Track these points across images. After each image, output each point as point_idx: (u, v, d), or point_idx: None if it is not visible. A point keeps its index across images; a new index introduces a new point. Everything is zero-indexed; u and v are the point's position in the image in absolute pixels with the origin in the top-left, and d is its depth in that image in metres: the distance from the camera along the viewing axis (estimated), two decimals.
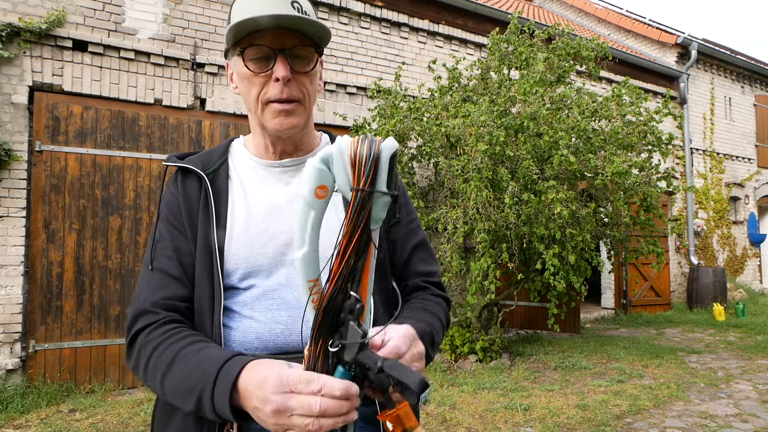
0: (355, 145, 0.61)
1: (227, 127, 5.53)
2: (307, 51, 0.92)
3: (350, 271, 0.64)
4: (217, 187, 0.97)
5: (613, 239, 6.24)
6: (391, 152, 0.61)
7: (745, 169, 12.01)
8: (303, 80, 0.92)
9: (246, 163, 1.02)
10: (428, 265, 1.08)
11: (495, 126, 4.89)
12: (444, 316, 1.03)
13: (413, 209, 1.12)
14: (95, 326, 4.76)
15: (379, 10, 6.81)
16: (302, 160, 1.01)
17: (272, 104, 0.91)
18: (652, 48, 11.17)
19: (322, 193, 0.64)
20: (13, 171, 4.53)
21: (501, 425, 3.88)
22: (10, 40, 4.56)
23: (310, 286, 0.66)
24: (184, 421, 0.86)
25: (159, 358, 0.82)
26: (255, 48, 0.89)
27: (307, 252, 0.66)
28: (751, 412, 4.18)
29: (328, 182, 0.64)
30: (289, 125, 0.93)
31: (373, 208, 0.62)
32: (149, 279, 0.92)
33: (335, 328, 0.65)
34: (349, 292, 0.64)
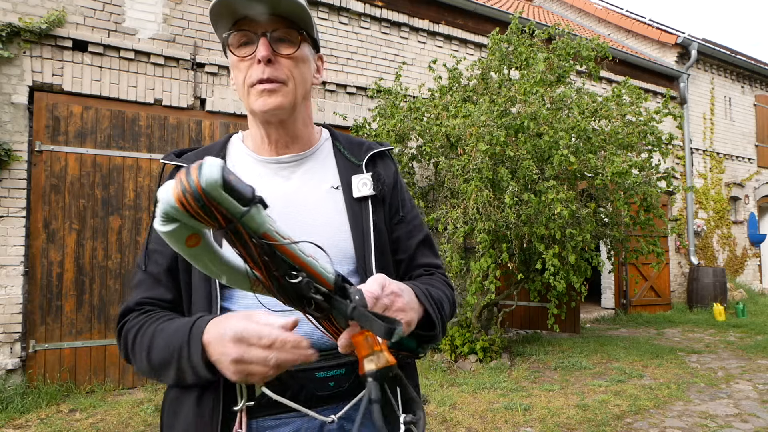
0: (175, 196, 0.54)
1: (227, 127, 5.53)
2: (289, 34, 0.92)
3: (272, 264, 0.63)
4: None
5: (613, 239, 6.24)
6: (215, 178, 0.53)
7: (745, 169, 12.01)
8: (287, 63, 0.92)
9: (244, 159, 1.01)
10: (432, 259, 1.08)
11: (495, 126, 4.89)
12: (449, 295, 1.02)
13: (415, 206, 1.11)
14: (95, 326, 4.76)
15: (379, 10, 6.81)
16: (301, 156, 1.00)
17: (256, 86, 0.91)
18: (652, 48, 11.17)
19: (194, 242, 0.60)
20: (13, 171, 4.53)
21: (501, 425, 3.88)
22: (10, 40, 4.56)
23: (253, 288, 0.67)
24: (187, 420, 0.87)
25: (142, 338, 0.85)
26: (238, 33, 0.90)
27: (228, 280, 0.66)
28: (751, 412, 4.18)
29: (189, 232, 0.59)
30: (273, 104, 0.91)
31: (245, 226, 0.58)
32: (139, 281, 0.94)
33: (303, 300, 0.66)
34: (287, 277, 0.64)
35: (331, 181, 1.00)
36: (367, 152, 1.04)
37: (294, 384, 0.84)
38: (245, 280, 0.66)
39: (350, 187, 0.99)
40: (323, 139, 1.06)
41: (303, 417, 0.86)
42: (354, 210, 0.98)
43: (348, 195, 0.99)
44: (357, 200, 0.99)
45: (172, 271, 0.94)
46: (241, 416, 0.84)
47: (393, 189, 1.05)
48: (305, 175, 1.00)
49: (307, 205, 0.96)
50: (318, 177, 1.00)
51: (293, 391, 0.85)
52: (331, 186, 1.00)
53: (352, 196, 0.99)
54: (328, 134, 1.08)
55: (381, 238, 0.99)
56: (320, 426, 0.87)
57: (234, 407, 0.84)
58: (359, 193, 0.99)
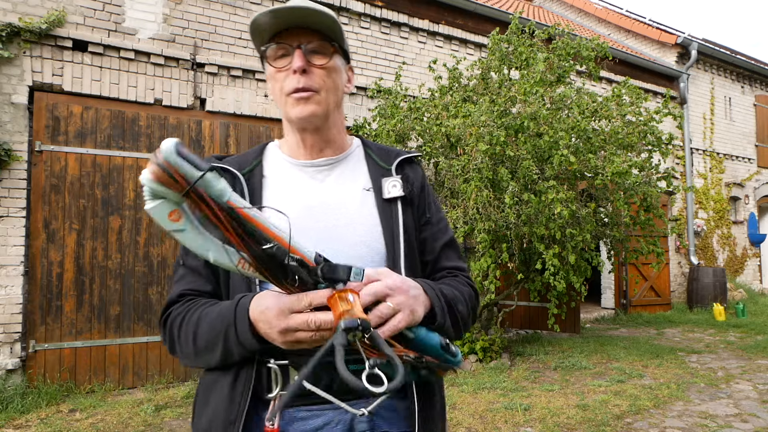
0: (149, 171, 0.66)
1: (227, 127, 5.53)
2: (323, 46, 0.98)
3: (245, 234, 0.71)
4: (252, 186, 1.03)
5: (613, 239, 6.24)
6: (172, 149, 0.65)
7: (745, 169, 12.01)
8: (320, 73, 0.98)
9: (281, 164, 1.07)
10: (456, 261, 1.12)
11: (495, 126, 4.89)
12: (469, 295, 1.04)
13: (441, 210, 1.16)
14: (95, 326, 4.77)
15: (379, 10, 6.81)
16: (335, 160, 1.07)
17: (291, 95, 0.98)
18: (652, 48, 11.17)
19: (176, 217, 0.70)
20: (13, 171, 4.53)
21: (501, 425, 3.88)
22: (10, 40, 4.56)
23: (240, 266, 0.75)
24: (219, 405, 0.91)
25: (187, 325, 0.92)
26: (275, 46, 0.98)
27: (213, 257, 0.74)
28: (751, 412, 4.18)
29: (171, 207, 0.69)
30: (308, 112, 0.98)
31: (207, 191, 0.68)
32: (181, 275, 1.01)
33: (285, 270, 0.74)
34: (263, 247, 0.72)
35: (363, 183, 1.06)
36: (397, 157, 1.11)
37: (327, 376, 0.87)
38: (230, 258, 0.73)
39: (381, 189, 1.05)
40: (355, 146, 1.13)
41: (335, 409, 0.89)
42: (384, 210, 1.03)
43: (379, 196, 1.05)
44: (387, 201, 1.04)
45: (211, 265, 0.97)
46: (274, 404, 0.87)
47: (421, 192, 1.10)
48: (339, 177, 1.06)
49: (340, 205, 1.02)
50: (350, 179, 1.06)
51: (326, 383, 0.87)
52: (363, 188, 1.06)
53: (382, 197, 1.05)
54: (360, 142, 1.15)
55: (409, 238, 1.03)
56: (351, 419, 0.91)
57: (268, 395, 0.89)
58: (389, 195, 1.04)
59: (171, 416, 4.09)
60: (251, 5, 5.88)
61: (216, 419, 0.90)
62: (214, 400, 0.93)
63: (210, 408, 0.93)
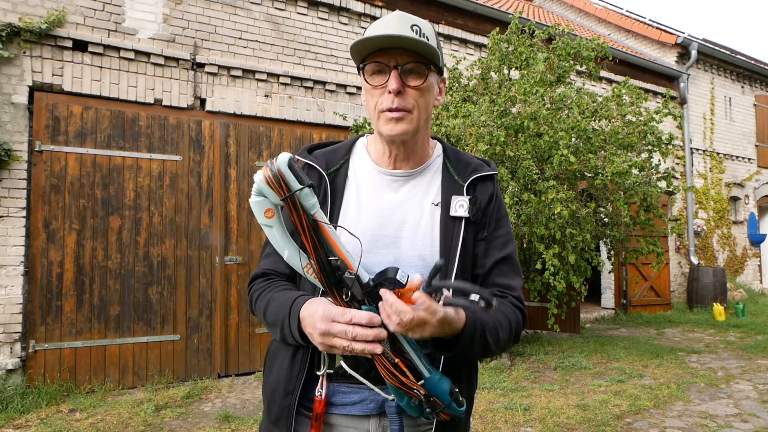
0: (263, 174, 0.84)
1: (227, 127, 5.53)
2: (419, 67, 1.04)
3: (318, 245, 0.86)
4: (336, 185, 1.12)
5: (613, 239, 6.24)
6: (285, 162, 0.83)
7: (745, 169, 12.01)
8: (414, 93, 1.04)
9: (365, 166, 1.15)
10: (508, 279, 1.14)
11: (495, 126, 4.89)
12: (513, 320, 1.08)
13: (506, 226, 1.17)
14: (95, 326, 4.77)
15: (379, 10, 6.81)
16: (414, 172, 1.13)
17: (385, 113, 1.05)
18: (652, 48, 11.17)
19: (270, 215, 0.87)
20: (13, 171, 4.53)
21: (501, 425, 3.88)
22: (10, 40, 4.56)
23: (306, 270, 0.92)
24: (280, 369, 1.10)
25: (261, 301, 1.09)
26: (373, 64, 1.04)
27: (288, 255, 0.92)
28: (751, 412, 4.18)
29: (269, 205, 0.87)
30: (399, 131, 1.05)
31: (301, 202, 0.84)
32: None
33: (339, 284, 0.89)
34: (329, 258, 0.87)
35: (433, 197, 1.12)
36: (471, 175, 1.14)
37: (365, 363, 0.99)
38: (300, 261, 0.89)
39: (449, 205, 1.10)
40: (435, 156, 1.18)
41: (370, 390, 1.03)
42: (447, 227, 1.09)
43: (445, 212, 1.10)
44: (452, 218, 1.10)
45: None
46: (322, 379, 1.04)
47: (485, 209, 1.14)
48: (412, 189, 1.13)
49: (407, 217, 1.10)
50: (423, 192, 1.13)
51: (365, 368, 1.01)
52: (433, 202, 1.12)
53: (448, 213, 1.10)
54: (441, 150, 1.20)
55: (466, 256, 1.09)
56: (382, 400, 1.04)
57: (318, 372, 1.05)
58: (455, 213, 1.10)
59: (171, 416, 4.09)
60: (251, 5, 5.89)
61: (278, 387, 1.08)
62: (277, 369, 1.10)
63: (273, 375, 1.11)
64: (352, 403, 1.06)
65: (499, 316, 1.05)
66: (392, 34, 0.98)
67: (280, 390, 1.08)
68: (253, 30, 5.89)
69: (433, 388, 0.95)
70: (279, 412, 1.07)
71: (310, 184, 0.82)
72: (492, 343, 1.01)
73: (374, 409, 1.06)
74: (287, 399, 1.06)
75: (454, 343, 0.96)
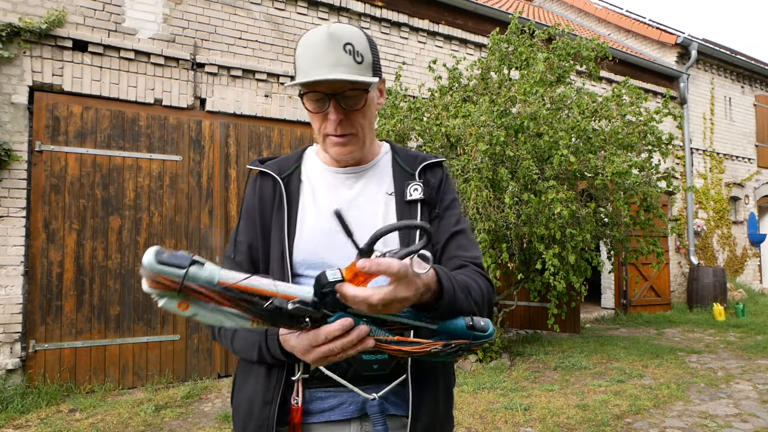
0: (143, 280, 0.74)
1: (227, 127, 5.53)
2: (356, 92, 1.04)
3: (244, 302, 0.78)
4: (290, 189, 1.14)
5: (613, 239, 6.24)
6: (152, 260, 0.72)
7: (745, 169, 12.01)
8: (356, 116, 1.06)
9: (317, 169, 1.18)
10: (466, 250, 1.14)
11: (495, 126, 4.89)
12: (483, 285, 1.05)
13: (456, 206, 1.20)
14: (95, 326, 4.76)
15: (379, 10, 6.81)
16: (364, 168, 1.17)
17: (330, 137, 1.07)
18: (652, 48, 11.17)
19: (185, 306, 0.78)
20: (13, 171, 4.53)
21: (501, 425, 3.88)
22: (10, 40, 4.56)
23: (254, 325, 0.83)
24: (255, 383, 1.06)
25: (226, 330, 1.04)
26: (311, 94, 1.04)
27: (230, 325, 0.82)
28: (751, 412, 4.18)
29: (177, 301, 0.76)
30: (346, 153, 1.09)
31: (196, 282, 0.75)
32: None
33: (292, 318, 0.81)
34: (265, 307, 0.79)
35: (387, 187, 1.16)
36: (421, 163, 1.19)
37: (343, 363, 0.98)
38: (243, 322, 0.81)
39: (403, 192, 1.14)
40: (383, 153, 1.22)
41: (349, 392, 1.02)
42: (404, 212, 1.12)
43: (400, 199, 1.14)
44: (408, 203, 1.13)
45: (253, 259, 1.13)
46: (298, 385, 1.02)
47: (437, 192, 1.18)
48: (366, 184, 1.16)
49: (365, 208, 1.12)
50: (376, 184, 1.16)
51: (342, 369, 1.00)
52: (387, 192, 1.15)
53: (404, 200, 1.14)
54: (389, 148, 1.24)
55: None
56: (363, 401, 1.02)
57: (292, 377, 1.02)
58: (410, 197, 1.13)
59: (171, 416, 4.09)
60: (251, 5, 5.89)
61: (256, 399, 1.05)
62: (252, 383, 1.07)
63: (248, 390, 1.07)
64: (331, 408, 1.03)
65: (465, 277, 1.01)
66: (325, 79, 0.97)
67: (258, 401, 1.04)
68: (253, 30, 5.89)
69: (450, 333, 0.91)
70: (257, 428, 1.03)
71: (192, 261, 0.75)
72: (472, 299, 0.97)
73: (354, 411, 1.03)
74: (266, 410, 1.03)
75: (437, 302, 0.92)
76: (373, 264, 0.78)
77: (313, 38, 1.02)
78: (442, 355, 0.90)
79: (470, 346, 0.91)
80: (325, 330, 0.83)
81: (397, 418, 1.05)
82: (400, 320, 0.90)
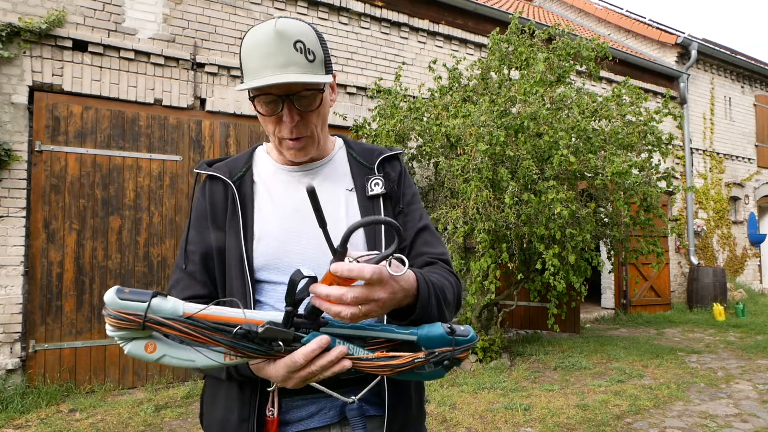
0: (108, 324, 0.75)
1: (227, 127, 5.53)
2: (311, 92, 1.01)
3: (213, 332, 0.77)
4: (243, 192, 1.08)
5: (613, 239, 6.24)
6: (113, 297, 0.73)
7: (745, 169, 12.01)
8: (310, 117, 1.03)
9: (269, 168, 1.13)
10: (433, 246, 1.12)
11: (495, 126, 4.89)
12: (453, 283, 1.04)
13: (418, 201, 1.18)
14: (95, 326, 4.76)
15: (379, 10, 6.81)
16: (319, 164, 1.13)
17: (286, 141, 1.04)
18: (652, 48, 11.17)
19: (152, 348, 0.78)
20: (13, 171, 4.53)
21: (501, 425, 3.88)
22: (10, 40, 4.56)
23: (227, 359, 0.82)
24: (227, 398, 1.01)
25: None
26: (264, 95, 1.00)
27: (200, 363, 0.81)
28: (751, 412, 4.18)
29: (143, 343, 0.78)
30: (302, 156, 1.06)
31: (160, 314, 0.75)
32: (176, 280, 1.06)
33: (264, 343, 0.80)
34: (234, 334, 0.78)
35: (346, 184, 1.12)
36: (379, 156, 1.16)
37: None
38: (215, 358, 0.81)
39: (364, 188, 1.11)
40: (337, 148, 1.18)
41: (327, 398, 0.99)
42: (366, 207, 1.09)
43: (361, 195, 1.11)
44: (369, 198, 1.10)
45: (208, 268, 1.06)
46: (273, 396, 0.97)
47: (398, 185, 1.15)
48: (323, 180, 1.11)
49: (325, 206, 1.06)
50: (334, 181, 1.12)
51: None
52: (347, 188, 1.12)
53: (365, 195, 1.10)
54: (342, 143, 1.20)
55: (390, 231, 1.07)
56: (342, 406, 1.00)
57: (268, 388, 0.97)
58: (372, 192, 1.10)
59: (171, 416, 4.09)
60: (251, 5, 5.89)
61: (230, 417, 0.99)
62: (224, 399, 1.01)
63: (220, 407, 1.02)
64: (310, 415, 1.00)
65: (439, 276, 1.01)
66: (278, 83, 0.93)
67: (234, 419, 0.99)
68: None
69: (431, 342, 0.88)
70: None
71: (154, 294, 0.75)
72: (444, 304, 0.96)
73: (334, 416, 1.01)
74: (242, 427, 0.98)
75: (411, 309, 0.90)
76: (346, 268, 0.77)
77: (261, 37, 0.96)
78: (427, 370, 0.87)
79: (454, 353, 0.88)
80: (301, 352, 0.80)
81: (376, 418, 1.03)
82: (377, 334, 0.87)
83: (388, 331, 0.88)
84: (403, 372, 0.84)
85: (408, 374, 0.86)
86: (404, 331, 0.88)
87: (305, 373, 0.81)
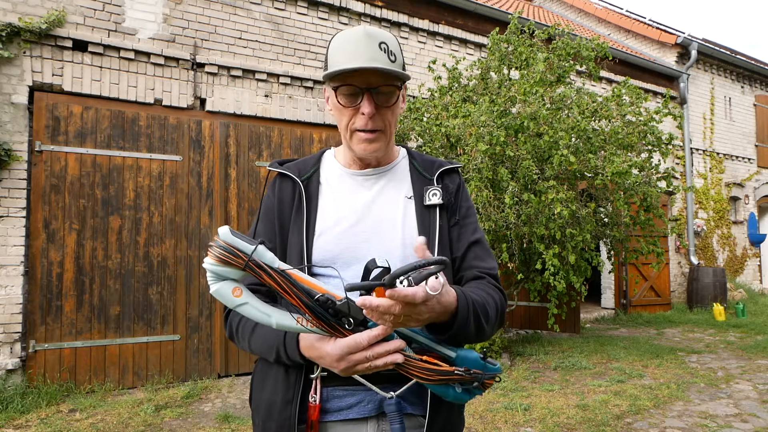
0: (212, 256, 0.81)
1: (227, 127, 5.53)
2: (390, 88, 1.08)
3: (299, 291, 0.83)
4: (309, 191, 1.16)
5: (613, 239, 6.24)
6: (228, 232, 0.80)
7: (745, 169, 12.01)
8: (386, 113, 1.09)
9: (335, 171, 1.20)
10: (484, 261, 1.18)
11: (495, 126, 4.89)
12: (497, 299, 1.10)
13: (473, 213, 1.24)
14: (95, 326, 4.76)
15: (379, 10, 6.81)
16: (382, 170, 1.19)
17: (359, 133, 1.09)
18: (652, 48, 11.17)
19: (238, 293, 0.84)
20: (13, 171, 4.53)
21: (501, 425, 3.88)
22: (10, 40, 4.56)
23: (300, 323, 0.88)
24: (275, 382, 1.08)
25: (244, 327, 1.07)
26: (347, 86, 1.06)
27: (275, 320, 0.87)
28: (751, 412, 4.18)
29: (232, 285, 0.84)
30: (372, 150, 1.11)
31: (263, 260, 0.82)
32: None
33: (337, 317, 0.86)
34: (315, 299, 0.84)
35: (406, 191, 1.18)
36: (439, 168, 1.22)
37: None
38: (289, 317, 0.86)
39: (422, 197, 1.17)
40: (401, 157, 1.24)
41: (366, 391, 1.03)
42: (423, 216, 1.15)
43: (419, 204, 1.16)
44: (427, 208, 1.16)
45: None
46: (316, 383, 1.03)
47: (455, 198, 1.21)
48: (384, 186, 1.18)
49: (384, 210, 1.15)
50: (395, 188, 1.18)
51: None
52: (406, 196, 1.17)
53: (423, 204, 1.16)
54: (406, 153, 1.26)
55: (443, 241, 1.14)
56: (380, 400, 1.04)
57: (311, 375, 1.03)
58: (429, 202, 1.16)
59: (171, 416, 4.09)
60: (251, 5, 5.89)
61: (276, 399, 1.06)
62: (272, 382, 1.09)
63: (268, 389, 1.09)
64: (349, 406, 1.04)
65: (483, 293, 1.06)
66: (366, 66, 1.01)
67: (278, 401, 1.05)
68: (253, 30, 5.89)
69: (466, 363, 0.95)
70: (278, 427, 1.05)
71: (261, 241, 0.82)
72: (483, 321, 1.01)
73: (372, 410, 1.04)
74: (287, 410, 1.04)
75: (450, 324, 0.96)
76: (400, 294, 0.81)
77: (349, 35, 1.06)
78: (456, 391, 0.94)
79: (484, 376, 0.96)
80: (366, 334, 0.87)
81: (414, 418, 1.06)
82: (424, 341, 0.94)
83: (433, 342, 0.95)
84: (440, 381, 0.91)
85: (440, 386, 0.92)
86: (446, 346, 0.96)
87: (361, 356, 0.87)
